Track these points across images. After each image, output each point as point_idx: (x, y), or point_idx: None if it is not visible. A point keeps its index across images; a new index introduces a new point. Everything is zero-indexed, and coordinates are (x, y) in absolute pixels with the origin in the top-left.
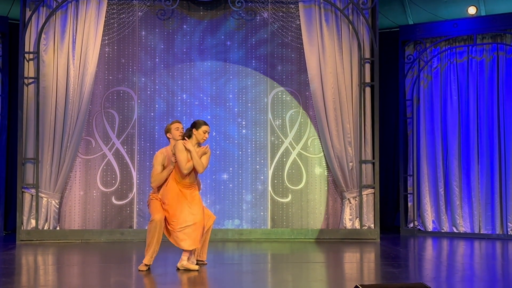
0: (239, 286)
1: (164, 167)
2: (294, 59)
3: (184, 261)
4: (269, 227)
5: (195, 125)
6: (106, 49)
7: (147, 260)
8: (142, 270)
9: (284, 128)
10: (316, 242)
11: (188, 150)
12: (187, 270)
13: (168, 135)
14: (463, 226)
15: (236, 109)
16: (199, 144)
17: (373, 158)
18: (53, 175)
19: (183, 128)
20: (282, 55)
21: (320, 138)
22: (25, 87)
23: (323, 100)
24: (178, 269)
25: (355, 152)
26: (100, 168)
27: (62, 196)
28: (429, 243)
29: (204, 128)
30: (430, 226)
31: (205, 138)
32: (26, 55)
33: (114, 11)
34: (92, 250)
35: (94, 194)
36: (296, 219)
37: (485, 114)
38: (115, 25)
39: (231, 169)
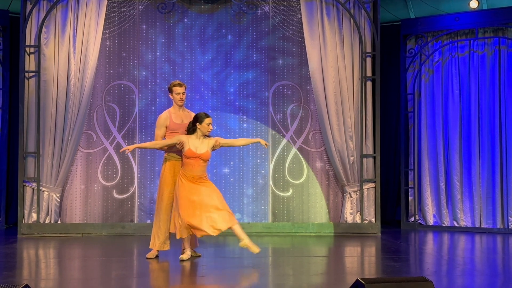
0: (240, 280)
1: (166, 128)
2: (295, 53)
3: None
4: (270, 221)
5: (197, 119)
6: (107, 43)
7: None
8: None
9: (285, 122)
10: (317, 236)
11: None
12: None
13: (170, 95)
14: (464, 220)
15: (237, 103)
16: (205, 136)
17: (374, 152)
18: (54, 169)
19: (184, 93)
20: (283, 49)
21: (321, 132)
22: (26, 81)
23: (324, 94)
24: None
25: (356, 146)
26: (101, 162)
27: (63, 190)
28: (430, 237)
29: (207, 120)
30: (431, 220)
31: (210, 130)
32: (27, 49)
33: (115, 4)
34: (93, 243)
35: (95, 188)
36: (297, 213)
37: (486, 108)
38: (116, 18)
39: (232, 163)
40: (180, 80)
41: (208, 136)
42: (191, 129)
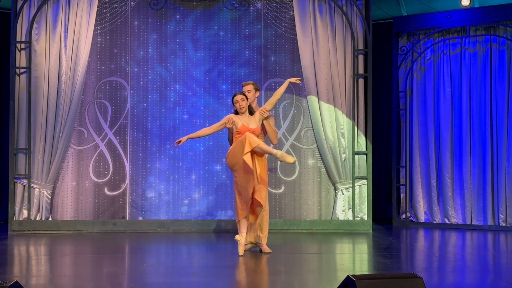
0: (232, 276)
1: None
2: (287, 50)
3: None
4: None
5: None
6: (99, 39)
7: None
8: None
9: (277, 119)
10: (309, 233)
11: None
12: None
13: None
14: (455, 217)
15: (229, 100)
16: (250, 114)
17: (366, 150)
18: (45, 166)
19: (242, 99)
20: (276, 46)
21: (313, 129)
22: (16, 77)
23: (316, 91)
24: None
25: (348, 144)
26: (93, 158)
27: (54, 187)
28: (421, 234)
29: (234, 100)
30: (422, 217)
31: (240, 107)
32: (18, 45)
33: (107, 0)
34: (84, 240)
35: (87, 185)
36: (289, 210)
37: (477, 106)
38: (108, 14)
39: (224, 160)
40: (172, 76)
41: (252, 114)
42: (235, 111)
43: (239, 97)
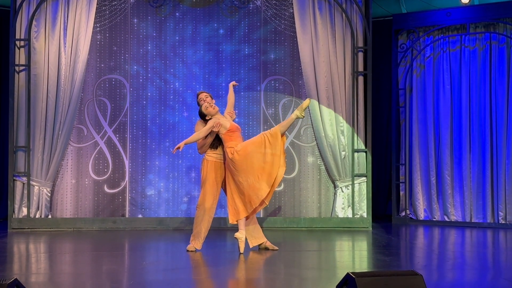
0: (232, 273)
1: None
2: (287, 48)
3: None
4: (261, 216)
5: (200, 111)
6: (98, 37)
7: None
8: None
9: (277, 116)
10: (308, 231)
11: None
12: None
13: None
14: (454, 215)
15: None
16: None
17: (366, 147)
18: (44, 163)
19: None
20: (275, 44)
21: (313, 127)
22: (16, 75)
23: (316, 89)
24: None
25: (348, 141)
26: (92, 156)
27: (54, 184)
28: (420, 232)
29: (204, 106)
30: (421, 215)
31: (212, 109)
32: (17, 42)
33: None
34: (84, 238)
35: (86, 183)
36: (289, 208)
37: (477, 103)
38: (107, 12)
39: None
40: (172, 74)
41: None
42: (202, 117)
43: (206, 100)
